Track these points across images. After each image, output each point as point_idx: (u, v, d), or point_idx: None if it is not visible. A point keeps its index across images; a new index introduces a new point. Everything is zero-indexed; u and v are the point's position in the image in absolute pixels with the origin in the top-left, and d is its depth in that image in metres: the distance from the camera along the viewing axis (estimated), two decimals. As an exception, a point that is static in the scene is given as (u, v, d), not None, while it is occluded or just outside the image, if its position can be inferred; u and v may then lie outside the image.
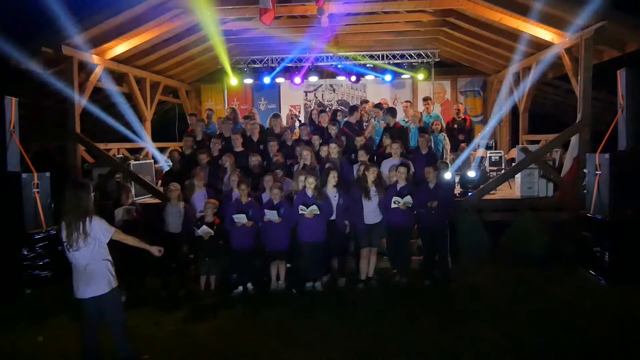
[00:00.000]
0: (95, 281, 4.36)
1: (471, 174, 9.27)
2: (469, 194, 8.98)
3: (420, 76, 13.04)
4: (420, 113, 10.44)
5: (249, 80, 13.57)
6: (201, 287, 7.07)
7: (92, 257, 4.34)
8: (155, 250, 4.86)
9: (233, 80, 13.19)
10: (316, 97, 15.27)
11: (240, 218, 6.80)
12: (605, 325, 5.54)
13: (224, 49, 11.83)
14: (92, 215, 4.37)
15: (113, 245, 4.59)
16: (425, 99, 11.09)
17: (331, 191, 7.03)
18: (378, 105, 10.30)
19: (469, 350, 4.96)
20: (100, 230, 4.37)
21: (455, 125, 10.95)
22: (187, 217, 7.13)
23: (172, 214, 7.07)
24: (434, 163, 7.46)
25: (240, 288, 6.94)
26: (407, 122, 10.12)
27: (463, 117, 11.21)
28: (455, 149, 10.58)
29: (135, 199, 7.86)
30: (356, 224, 7.04)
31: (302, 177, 6.99)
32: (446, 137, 10.12)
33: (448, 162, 9.84)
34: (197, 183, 7.55)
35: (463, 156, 9.78)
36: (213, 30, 10.17)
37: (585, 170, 7.75)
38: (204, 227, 6.85)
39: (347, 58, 13.00)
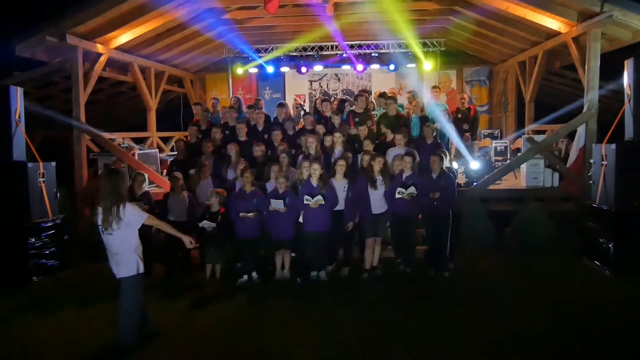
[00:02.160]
0: (125, 264, 4.61)
1: (475, 164, 9.25)
2: (474, 183, 8.96)
3: (429, 65, 12.90)
4: (423, 102, 10.39)
5: (254, 70, 13.51)
6: (206, 275, 7.12)
7: (124, 241, 4.57)
8: (187, 241, 4.98)
9: (239, 70, 13.14)
10: (321, 87, 15.21)
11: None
12: (609, 315, 5.54)
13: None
14: (126, 201, 4.60)
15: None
16: (434, 88, 11.05)
17: (340, 181, 7.02)
18: (382, 95, 10.26)
19: (473, 340, 4.97)
20: (133, 215, 4.59)
21: (460, 115, 10.94)
22: (191, 206, 7.15)
23: (176, 203, 7.10)
24: (439, 153, 7.42)
25: (245, 277, 6.96)
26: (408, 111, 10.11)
27: (467, 106, 11.23)
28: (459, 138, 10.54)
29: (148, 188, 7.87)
30: (363, 213, 6.99)
31: (306, 164, 6.98)
32: (452, 127, 10.06)
33: (453, 152, 9.84)
34: (202, 173, 7.55)
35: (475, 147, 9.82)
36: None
37: (591, 161, 7.71)
38: (205, 221, 6.85)
39: (352, 47, 12.90)
